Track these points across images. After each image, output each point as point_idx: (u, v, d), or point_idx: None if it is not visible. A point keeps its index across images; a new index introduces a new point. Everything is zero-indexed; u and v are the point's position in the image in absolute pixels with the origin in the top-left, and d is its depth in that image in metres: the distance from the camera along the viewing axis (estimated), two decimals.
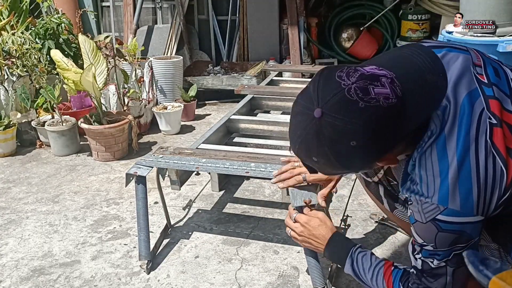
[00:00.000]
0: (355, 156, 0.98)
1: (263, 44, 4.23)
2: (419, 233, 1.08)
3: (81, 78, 2.56)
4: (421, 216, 1.04)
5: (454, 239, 1.04)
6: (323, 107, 0.96)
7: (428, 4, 4.06)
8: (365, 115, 0.93)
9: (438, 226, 1.02)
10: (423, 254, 1.10)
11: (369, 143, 0.96)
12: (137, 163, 1.83)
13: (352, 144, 0.95)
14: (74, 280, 1.74)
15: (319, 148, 0.99)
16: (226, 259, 1.83)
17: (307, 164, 1.09)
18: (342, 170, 1.06)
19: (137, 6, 4.20)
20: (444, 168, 1.00)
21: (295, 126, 1.03)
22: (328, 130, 0.96)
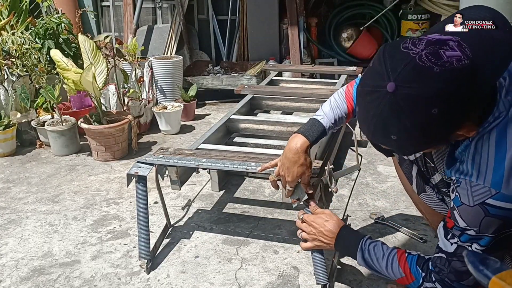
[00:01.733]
0: (437, 125, 0.94)
1: (263, 44, 4.23)
2: (463, 217, 1.04)
3: (81, 78, 2.56)
4: (469, 199, 1.01)
5: (499, 225, 1.02)
6: (396, 79, 0.92)
7: (428, 4, 4.06)
8: (442, 79, 0.90)
9: (486, 211, 1.00)
10: (463, 239, 1.07)
11: (450, 108, 0.92)
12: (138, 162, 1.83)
13: (434, 112, 0.91)
14: (74, 280, 1.74)
15: (399, 124, 0.94)
16: (226, 259, 1.83)
17: (384, 147, 1.05)
18: (423, 145, 1.02)
19: (137, 6, 4.20)
20: (502, 153, 0.98)
21: (366, 107, 0.98)
22: (406, 102, 0.92)
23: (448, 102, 0.91)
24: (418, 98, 0.91)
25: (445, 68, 0.91)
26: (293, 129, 2.44)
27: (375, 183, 2.40)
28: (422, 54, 0.92)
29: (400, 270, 1.23)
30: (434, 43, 0.94)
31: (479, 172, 1.00)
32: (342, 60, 4.51)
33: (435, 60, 0.91)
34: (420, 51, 0.93)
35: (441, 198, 1.35)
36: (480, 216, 1.01)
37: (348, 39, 4.64)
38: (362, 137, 2.80)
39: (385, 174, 2.48)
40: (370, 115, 0.98)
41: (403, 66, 0.93)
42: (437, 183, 1.36)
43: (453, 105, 0.92)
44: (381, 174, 2.50)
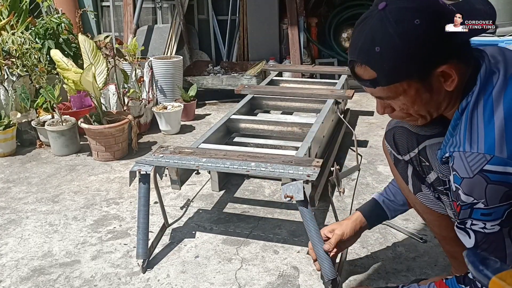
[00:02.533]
0: (419, 38, 1.00)
1: (263, 44, 4.23)
2: (467, 191, 1.03)
3: (81, 78, 2.56)
4: (467, 171, 1.01)
5: (505, 193, 1.00)
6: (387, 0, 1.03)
7: None
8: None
9: (487, 178, 0.99)
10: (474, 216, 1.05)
11: (432, 24, 1.00)
12: (138, 161, 1.83)
13: (416, 23, 0.99)
14: (74, 280, 1.74)
15: (384, 33, 1.01)
16: (226, 259, 1.83)
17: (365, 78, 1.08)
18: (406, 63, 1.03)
19: (137, 6, 4.20)
20: (491, 119, 0.99)
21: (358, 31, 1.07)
22: (393, 14, 1.01)
23: (430, 18, 1.00)
24: (404, 9, 1.01)
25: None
26: (293, 129, 2.44)
27: (375, 183, 2.40)
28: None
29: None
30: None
31: (471, 141, 1.01)
32: (342, 60, 4.51)
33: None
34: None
35: (437, 196, 1.35)
36: (483, 185, 1.00)
37: (348, 39, 4.64)
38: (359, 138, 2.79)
39: (385, 174, 2.48)
40: (360, 35, 1.06)
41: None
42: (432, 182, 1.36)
43: (434, 23, 1.00)
44: (381, 174, 2.50)
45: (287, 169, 1.71)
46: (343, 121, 2.82)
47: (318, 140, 2.30)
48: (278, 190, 2.34)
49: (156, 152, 1.91)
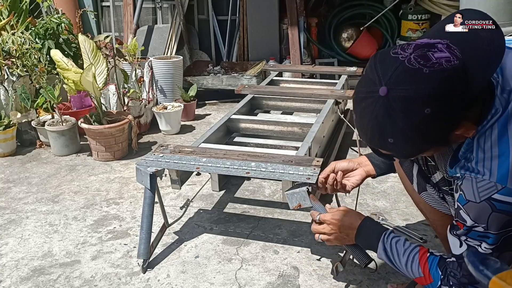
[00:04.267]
0: (432, 125, 0.96)
1: (263, 44, 4.23)
2: (470, 214, 1.04)
3: (81, 78, 2.56)
4: (475, 196, 1.01)
5: (507, 221, 1.01)
6: (387, 83, 0.95)
7: (428, 4, 4.06)
8: (432, 79, 0.93)
9: (493, 206, 1.00)
10: (471, 236, 1.06)
11: (442, 107, 0.94)
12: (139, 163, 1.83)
13: (427, 112, 0.93)
14: (74, 280, 1.74)
15: (393, 127, 0.97)
16: (226, 259, 1.83)
17: (384, 153, 1.07)
18: (421, 146, 1.03)
19: (137, 6, 4.20)
20: (506, 148, 0.99)
21: (362, 113, 1.01)
22: (398, 104, 0.95)
23: (440, 102, 0.94)
24: (410, 99, 0.94)
25: (434, 68, 0.93)
26: (293, 129, 2.44)
27: (375, 183, 2.40)
28: (411, 57, 0.95)
29: (419, 270, 1.20)
30: (423, 46, 0.97)
31: (484, 168, 1.01)
32: (342, 60, 4.51)
33: (423, 62, 0.94)
34: (408, 54, 0.96)
35: (441, 196, 1.35)
36: (488, 212, 1.01)
37: (348, 39, 4.64)
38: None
39: None
40: (365, 120, 1.00)
41: (393, 70, 0.96)
42: (437, 182, 1.36)
43: (445, 104, 0.94)
44: None
45: (287, 169, 1.71)
46: (343, 121, 2.82)
47: (318, 140, 2.30)
48: (278, 190, 2.34)
49: (156, 151, 1.90)
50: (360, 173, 1.57)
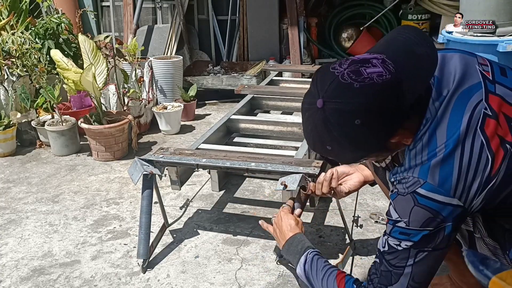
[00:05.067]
0: (363, 135, 1.03)
1: (263, 44, 4.23)
2: (396, 207, 1.11)
3: (81, 78, 2.56)
4: (404, 189, 1.08)
5: (427, 219, 1.06)
6: (323, 96, 1.03)
7: (428, 4, 4.06)
8: (362, 94, 1.00)
9: (416, 199, 1.06)
10: (393, 233, 1.11)
11: (373, 119, 1.01)
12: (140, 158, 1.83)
13: (357, 123, 1.00)
14: (74, 280, 1.74)
15: (330, 136, 1.04)
16: (226, 259, 1.83)
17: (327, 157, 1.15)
18: (357, 153, 1.09)
19: (137, 6, 4.20)
20: (432, 151, 1.05)
21: (305, 123, 1.10)
22: (333, 115, 1.02)
23: (370, 114, 1.01)
24: (342, 112, 1.01)
25: (365, 83, 1.00)
26: (293, 129, 2.44)
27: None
28: (345, 72, 1.02)
29: (334, 283, 1.25)
30: (358, 62, 1.04)
31: (410, 167, 1.08)
32: None
33: (355, 77, 1.01)
34: (343, 70, 1.03)
35: None
36: (410, 205, 1.07)
37: (348, 39, 4.64)
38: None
39: None
40: (308, 129, 1.09)
41: (329, 84, 1.03)
42: None
43: (375, 116, 1.01)
44: None
45: (287, 169, 1.71)
46: None
47: None
48: (278, 190, 2.34)
49: (155, 153, 1.91)
50: (358, 177, 1.61)
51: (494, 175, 1.03)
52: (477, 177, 1.03)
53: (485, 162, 1.02)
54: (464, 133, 1.03)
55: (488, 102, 1.05)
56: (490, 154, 1.03)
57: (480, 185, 1.03)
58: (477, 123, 1.03)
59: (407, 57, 1.06)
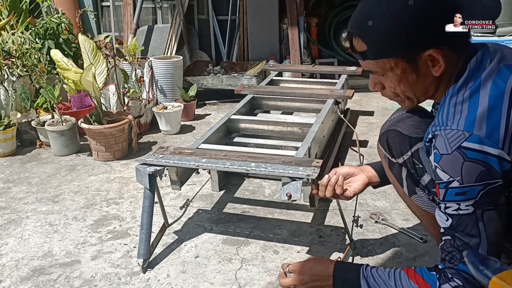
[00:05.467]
0: (408, 17, 1.03)
1: (263, 44, 4.23)
2: (444, 168, 1.04)
3: (81, 78, 2.56)
4: (447, 147, 1.02)
5: (480, 172, 1.01)
6: None
7: None
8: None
9: (464, 154, 1.00)
10: (449, 197, 1.05)
11: (425, 7, 1.02)
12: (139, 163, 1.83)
13: (410, 3, 1.02)
14: (74, 280, 1.74)
15: (378, 8, 1.06)
16: (226, 259, 1.83)
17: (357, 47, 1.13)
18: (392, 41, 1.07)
19: (137, 6, 4.20)
20: (475, 105, 1.02)
21: (361, 4, 1.13)
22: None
23: (425, 2, 1.02)
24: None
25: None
26: (293, 129, 2.44)
27: None
28: None
29: (411, 283, 1.13)
30: None
31: (453, 120, 1.03)
32: (342, 60, 4.51)
33: None
34: None
35: (431, 198, 1.35)
36: (460, 161, 1.01)
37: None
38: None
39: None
40: (361, 6, 1.12)
41: None
42: (426, 184, 1.36)
43: (427, 7, 1.02)
44: None
45: (287, 169, 1.71)
46: (343, 121, 2.82)
47: (318, 140, 2.30)
48: (278, 190, 2.34)
49: (156, 153, 1.91)
50: (362, 178, 1.55)
51: None
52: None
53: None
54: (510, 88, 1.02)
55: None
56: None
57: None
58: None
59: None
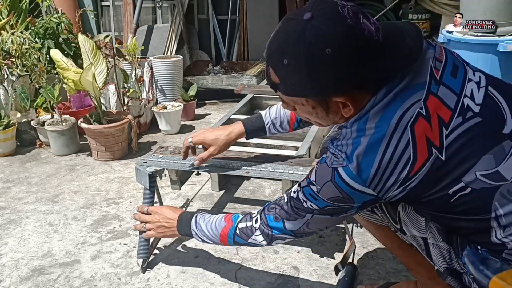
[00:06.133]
0: (323, 67, 1.00)
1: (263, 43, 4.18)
2: (317, 172, 1.13)
3: (80, 78, 2.56)
4: (329, 160, 1.10)
5: (336, 196, 1.09)
6: (314, 12, 1.01)
7: (429, 4, 4.06)
8: (349, 31, 0.98)
9: (333, 176, 1.08)
10: (305, 190, 1.15)
11: (341, 59, 0.99)
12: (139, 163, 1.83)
13: (327, 52, 0.98)
14: (74, 280, 1.74)
15: (295, 48, 1.01)
16: (226, 259, 1.83)
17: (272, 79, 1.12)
18: (306, 83, 1.05)
19: (137, 6, 4.20)
20: (362, 131, 1.05)
21: (279, 29, 1.07)
22: (311, 32, 1.00)
23: (342, 53, 0.99)
24: (322, 33, 0.99)
25: (356, 26, 0.99)
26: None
27: None
28: (346, 6, 1.01)
29: (222, 220, 1.39)
30: (362, 11, 1.04)
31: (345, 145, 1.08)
32: None
33: (352, 15, 1.00)
34: (346, 4, 1.03)
35: (370, 209, 1.37)
36: (327, 178, 1.09)
37: None
38: None
39: None
40: (278, 35, 1.06)
41: (326, 6, 1.02)
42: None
43: (344, 58, 0.99)
44: None
45: (287, 169, 1.71)
46: None
47: (318, 140, 2.30)
48: (278, 190, 2.34)
49: (155, 152, 1.90)
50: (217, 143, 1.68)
51: (412, 176, 1.03)
52: (394, 174, 1.03)
53: (406, 161, 1.02)
54: (393, 127, 1.02)
55: (425, 103, 1.03)
56: (413, 154, 1.02)
57: (396, 181, 1.04)
58: (408, 120, 1.02)
59: (396, 40, 1.05)
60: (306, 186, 1.15)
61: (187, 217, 1.51)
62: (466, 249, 1.11)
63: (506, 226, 1.03)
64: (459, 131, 1.03)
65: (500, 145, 1.03)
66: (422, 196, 1.07)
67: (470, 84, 1.09)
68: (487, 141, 1.03)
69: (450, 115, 1.03)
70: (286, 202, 1.22)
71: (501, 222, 1.03)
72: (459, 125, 1.03)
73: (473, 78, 1.10)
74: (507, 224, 1.03)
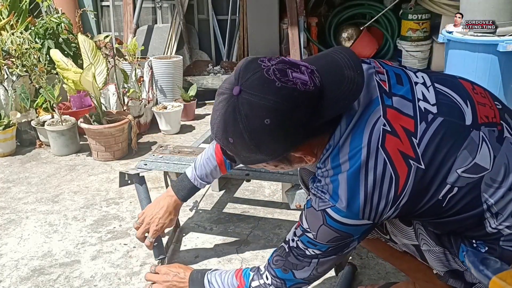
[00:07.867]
0: (268, 136, 0.99)
1: (263, 43, 4.23)
2: (307, 218, 1.11)
3: (80, 78, 2.56)
4: (317, 204, 1.07)
5: (334, 237, 1.08)
6: (242, 84, 0.98)
7: (429, 4, 4.06)
8: (281, 94, 0.95)
9: (325, 219, 1.06)
10: (302, 239, 1.13)
11: (282, 123, 0.97)
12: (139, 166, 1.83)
13: (266, 122, 0.96)
14: (74, 280, 1.74)
15: (235, 126, 0.99)
16: (226, 259, 1.83)
17: (228, 153, 1.11)
18: (257, 155, 1.04)
19: (137, 6, 4.20)
20: (337, 167, 1.03)
21: (216, 107, 1.05)
22: (245, 106, 0.98)
23: (281, 118, 0.96)
24: (255, 106, 0.96)
25: (287, 85, 0.96)
26: None
27: None
28: (271, 68, 0.98)
29: (234, 279, 1.29)
30: (287, 63, 1.00)
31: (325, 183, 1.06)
32: None
33: (280, 75, 0.97)
34: (270, 65, 0.99)
35: None
36: (319, 222, 1.07)
37: (348, 39, 4.64)
38: None
39: None
40: (216, 115, 1.03)
41: (251, 74, 0.98)
42: None
43: (285, 122, 0.97)
44: None
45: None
46: None
47: None
48: (278, 190, 2.34)
49: (155, 152, 1.90)
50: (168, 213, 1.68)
51: (401, 193, 1.02)
52: (383, 197, 1.01)
53: (389, 181, 1.00)
54: (366, 153, 1.00)
55: (386, 118, 1.02)
56: (394, 172, 1.00)
57: (387, 203, 1.02)
58: (377, 141, 1.00)
59: (335, 76, 1.02)
60: (302, 235, 1.13)
61: (198, 277, 1.43)
62: (462, 247, 1.11)
63: (498, 213, 1.04)
64: (428, 136, 1.02)
65: (469, 137, 1.04)
66: (416, 209, 1.07)
67: (418, 87, 1.08)
68: (456, 138, 1.03)
69: (414, 123, 1.03)
70: (288, 252, 1.17)
71: (492, 210, 1.04)
72: (426, 130, 1.03)
73: (418, 80, 1.10)
74: (498, 211, 1.04)
